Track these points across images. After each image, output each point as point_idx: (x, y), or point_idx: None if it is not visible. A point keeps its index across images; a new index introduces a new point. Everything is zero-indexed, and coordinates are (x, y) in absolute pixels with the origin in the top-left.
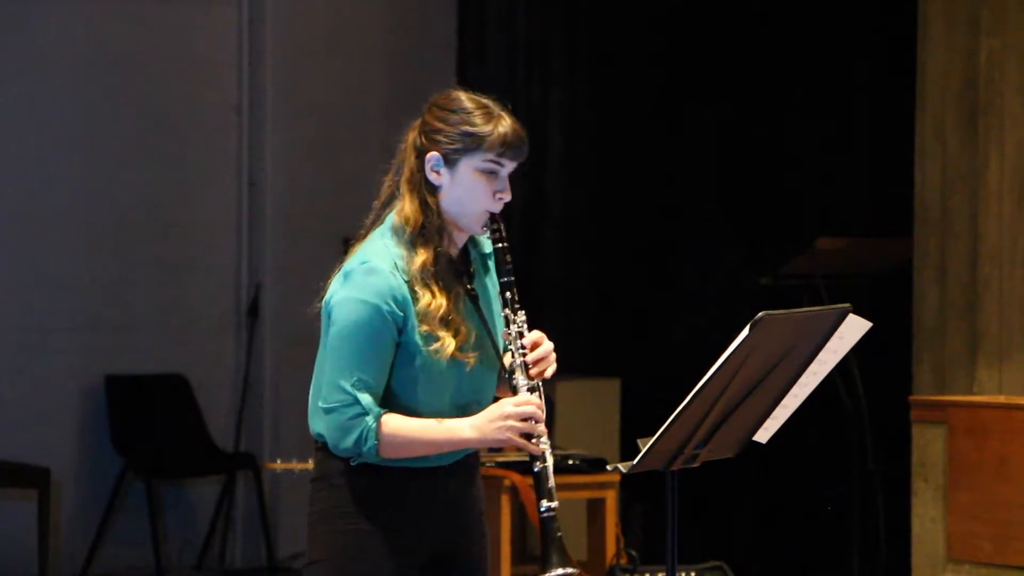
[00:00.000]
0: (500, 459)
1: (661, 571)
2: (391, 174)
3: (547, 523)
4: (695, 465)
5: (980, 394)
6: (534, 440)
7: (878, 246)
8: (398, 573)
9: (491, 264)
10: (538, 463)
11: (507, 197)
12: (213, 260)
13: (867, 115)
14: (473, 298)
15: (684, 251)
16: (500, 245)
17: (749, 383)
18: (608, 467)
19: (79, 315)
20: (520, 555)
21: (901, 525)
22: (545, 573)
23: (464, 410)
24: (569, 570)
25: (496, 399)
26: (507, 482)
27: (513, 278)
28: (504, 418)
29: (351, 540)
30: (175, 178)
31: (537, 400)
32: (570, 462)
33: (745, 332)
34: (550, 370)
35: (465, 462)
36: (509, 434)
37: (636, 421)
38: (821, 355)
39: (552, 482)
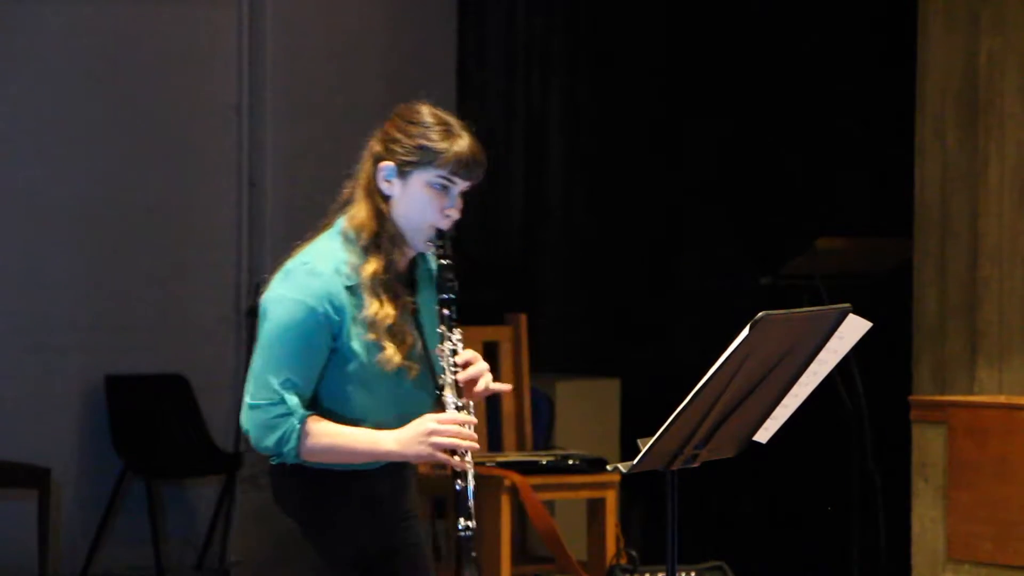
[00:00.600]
0: (500, 459)
1: (661, 571)
2: (349, 182)
3: (464, 542)
4: (695, 465)
5: (980, 394)
6: (457, 458)
7: (878, 246)
8: (332, 572)
9: (433, 280)
10: (459, 481)
11: (455, 215)
12: (213, 260)
13: (867, 115)
14: (414, 311)
15: (684, 251)
16: (443, 262)
17: (749, 383)
18: (608, 467)
19: (79, 315)
20: (520, 555)
21: (901, 525)
22: None
23: (399, 422)
24: None
25: None
26: (507, 482)
27: (454, 296)
28: (428, 434)
29: (281, 541)
30: (175, 178)
31: (463, 417)
32: (570, 462)
33: (745, 332)
34: (481, 385)
35: (397, 464)
36: (431, 450)
37: (636, 421)
38: (821, 355)
39: (471, 502)
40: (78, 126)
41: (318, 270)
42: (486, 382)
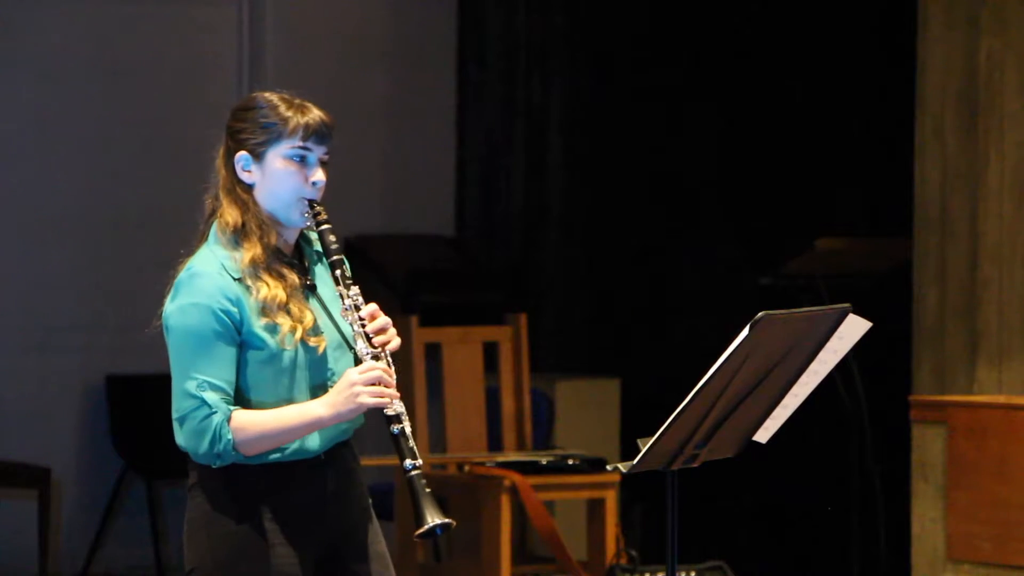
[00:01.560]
0: (500, 459)
1: (661, 571)
2: (209, 195)
3: (413, 480)
4: (695, 465)
5: (980, 394)
6: (387, 400)
7: (878, 246)
8: (282, 572)
9: (320, 255)
10: (395, 425)
11: (320, 180)
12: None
13: (867, 115)
14: (311, 287)
15: (684, 251)
16: (323, 227)
17: (749, 383)
18: (608, 467)
19: (79, 315)
20: (520, 555)
21: (901, 525)
22: (420, 527)
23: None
24: (447, 520)
25: None
26: (507, 482)
27: (341, 257)
28: (351, 385)
29: (231, 543)
30: (175, 178)
31: (382, 365)
32: (570, 462)
33: (745, 332)
34: (394, 342)
35: (338, 453)
36: (361, 399)
37: (636, 421)
38: (821, 355)
39: (412, 442)
40: (78, 126)
41: (202, 271)
42: (392, 336)
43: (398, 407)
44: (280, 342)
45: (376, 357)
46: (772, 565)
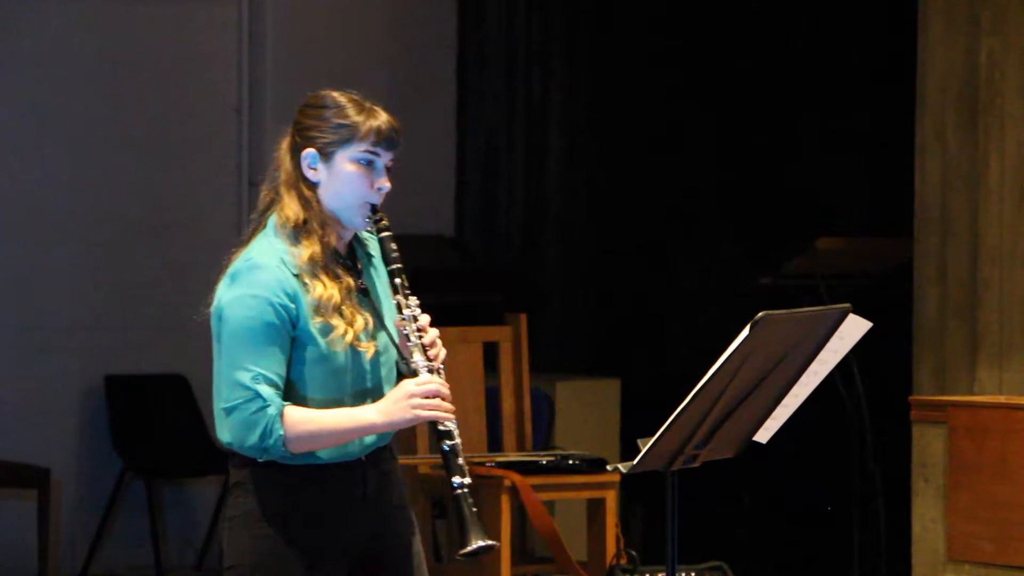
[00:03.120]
0: (500, 459)
1: (661, 571)
2: (266, 187)
3: (460, 499)
4: (695, 465)
5: (980, 394)
6: (443, 415)
7: (878, 246)
8: (322, 574)
9: (377, 261)
10: (447, 441)
11: (386, 187)
12: (213, 260)
13: (867, 115)
14: (363, 291)
15: (684, 251)
16: (385, 234)
17: (749, 383)
18: (608, 467)
19: (79, 315)
20: (520, 555)
21: (901, 525)
22: (465, 547)
23: (364, 400)
24: (490, 542)
25: None
26: (507, 482)
27: (401, 265)
28: (408, 397)
29: (271, 544)
30: (175, 178)
31: (439, 379)
32: (570, 462)
33: (745, 332)
34: (442, 354)
35: (379, 456)
36: (416, 411)
37: (636, 421)
38: (821, 355)
39: (462, 459)
40: (78, 126)
41: (263, 263)
42: (441, 348)
43: (451, 423)
44: (330, 343)
45: (431, 371)
46: (772, 565)
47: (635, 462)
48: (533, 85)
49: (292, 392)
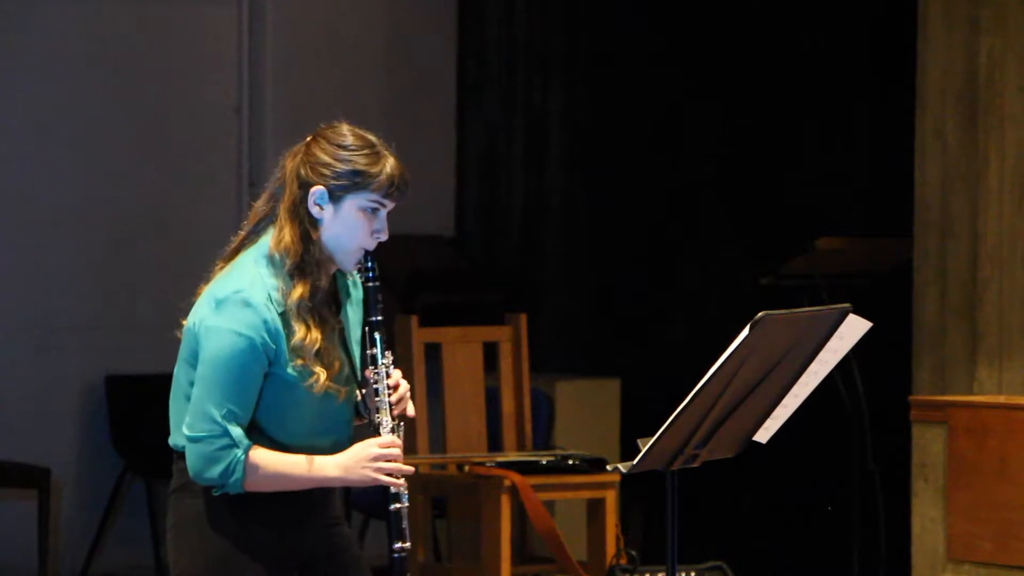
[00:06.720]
0: (500, 459)
1: (661, 571)
2: (264, 198)
3: (398, 564)
4: (695, 465)
5: (980, 394)
6: (399, 480)
7: (878, 246)
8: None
9: (353, 291)
10: (394, 503)
11: (383, 236)
12: (213, 260)
13: (867, 115)
14: (340, 331)
15: (684, 251)
16: (372, 284)
17: (749, 383)
18: (608, 467)
19: (79, 315)
20: (520, 555)
21: (901, 525)
22: None
23: (326, 440)
24: None
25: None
26: (507, 482)
27: (382, 318)
28: (371, 459)
29: (221, 547)
30: (175, 178)
31: (399, 441)
32: (570, 462)
33: (745, 332)
34: (410, 410)
35: None
36: (375, 475)
37: (636, 421)
38: (821, 355)
39: (406, 523)
40: (78, 126)
41: (252, 300)
42: (409, 405)
43: (402, 487)
44: (308, 387)
45: (394, 430)
46: (772, 565)
47: (635, 462)
48: (533, 85)
49: (256, 428)
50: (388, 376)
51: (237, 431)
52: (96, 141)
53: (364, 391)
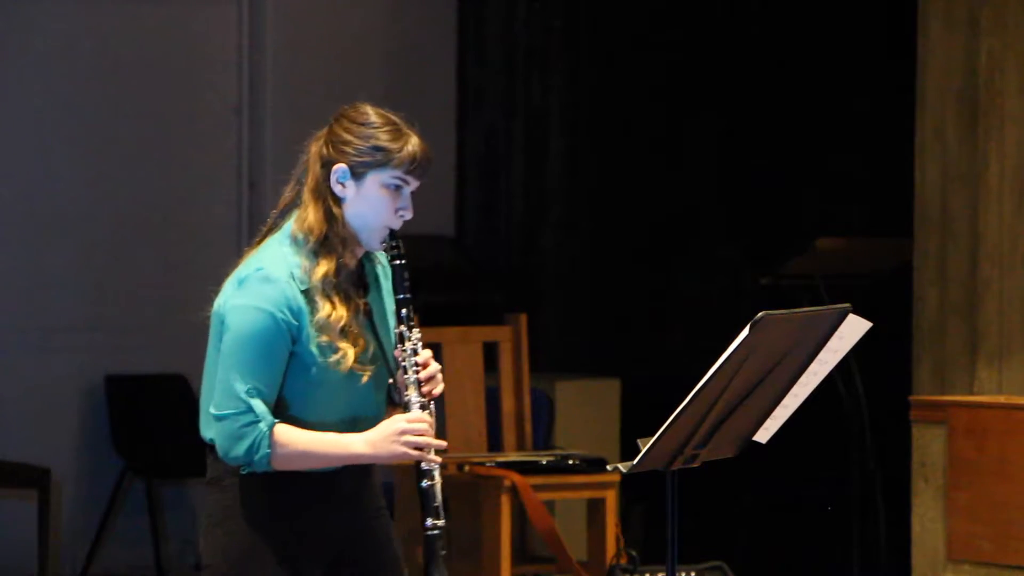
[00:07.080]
0: (500, 459)
1: (661, 571)
2: (291, 184)
3: (431, 540)
4: (695, 465)
5: (980, 394)
6: (429, 455)
7: (878, 246)
8: (297, 574)
9: (383, 281)
10: (426, 480)
11: (408, 215)
12: (213, 260)
13: (867, 115)
14: (367, 312)
15: (684, 251)
16: (398, 262)
17: (749, 383)
18: (608, 467)
19: (79, 315)
20: (520, 555)
21: (901, 525)
22: None
23: (353, 424)
24: None
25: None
26: (507, 482)
27: (410, 295)
28: (399, 434)
29: (246, 542)
30: (175, 178)
31: (429, 418)
32: (570, 462)
33: (745, 332)
34: (438, 389)
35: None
36: (404, 449)
37: (636, 421)
38: (821, 355)
39: (439, 500)
40: (78, 126)
41: (273, 276)
42: (440, 383)
43: (434, 463)
44: (331, 364)
45: (424, 407)
46: (772, 565)
47: (635, 462)
48: (533, 85)
49: (283, 409)
50: (416, 354)
51: (261, 407)
52: (96, 141)
53: (394, 377)
